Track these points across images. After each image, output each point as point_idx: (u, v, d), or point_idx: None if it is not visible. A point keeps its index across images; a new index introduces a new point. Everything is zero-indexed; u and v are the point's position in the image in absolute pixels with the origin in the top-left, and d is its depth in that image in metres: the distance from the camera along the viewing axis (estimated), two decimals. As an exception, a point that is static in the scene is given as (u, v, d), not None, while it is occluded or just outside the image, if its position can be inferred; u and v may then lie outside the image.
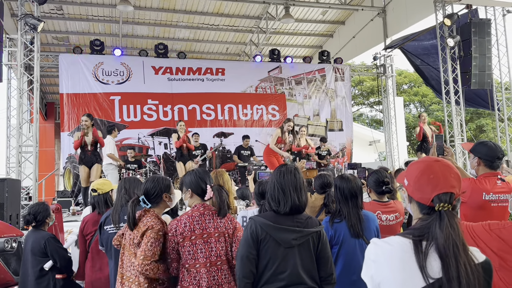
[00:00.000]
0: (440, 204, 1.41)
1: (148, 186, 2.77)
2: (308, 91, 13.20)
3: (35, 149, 8.74)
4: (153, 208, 2.77)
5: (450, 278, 1.32)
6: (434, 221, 1.40)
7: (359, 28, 14.36)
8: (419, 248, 1.36)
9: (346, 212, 2.90)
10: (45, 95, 16.26)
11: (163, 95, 11.81)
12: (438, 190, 1.43)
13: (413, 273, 1.34)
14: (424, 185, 1.46)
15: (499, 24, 11.13)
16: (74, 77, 11.06)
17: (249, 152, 10.90)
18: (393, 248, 1.40)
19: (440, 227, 1.38)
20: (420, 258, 1.34)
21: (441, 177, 1.45)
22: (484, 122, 23.05)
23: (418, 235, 1.40)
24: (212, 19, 13.97)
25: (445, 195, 1.42)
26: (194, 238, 2.53)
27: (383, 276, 1.38)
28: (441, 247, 1.35)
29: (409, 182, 1.53)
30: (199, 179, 2.67)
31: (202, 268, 2.50)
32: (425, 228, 1.41)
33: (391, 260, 1.38)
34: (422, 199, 1.47)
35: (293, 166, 2.44)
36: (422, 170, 1.50)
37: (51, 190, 13.32)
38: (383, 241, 1.44)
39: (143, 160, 10.40)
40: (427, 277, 1.32)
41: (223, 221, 2.58)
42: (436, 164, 1.50)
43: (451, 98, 10.66)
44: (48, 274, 3.75)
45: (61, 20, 13.04)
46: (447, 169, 1.49)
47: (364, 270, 1.47)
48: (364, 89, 25.23)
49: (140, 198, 2.74)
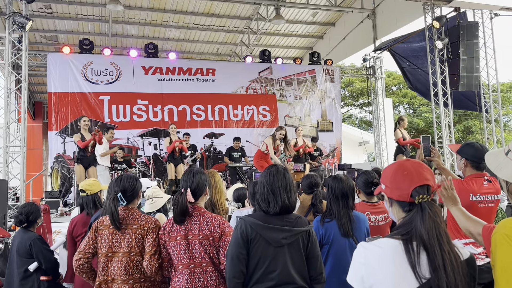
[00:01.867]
0: (419, 196, 1.44)
1: (126, 184, 2.84)
2: (299, 92, 13.24)
3: (23, 149, 8.63)
4: (128, 205, 2.84)
5: (436, 267, 1.34)
6: (416, 214, 1.43)
7: (349, 30, 14.45)
8: (409, 247, 1.38)
9: (336, 211, 2.93)
10: (33, 94, 16.08)
11: (153, 95, 11.75)
12: (415, 183, 1.47)
13: (406, 274, 1.35)
14: (401, 182, 1.50)
15: (487, 27, 11.27)
16: (63, 76, 10.96)
17: (240, 154, 10.89)
18: (384, 250, 1.41)
19: (422, 218, 1.41)
20: (412, 257, 1.36)
21: (414, 172, 1.50)
22: (472, 123, 23.28)
23: (406, 234, 1.41)
24: (203, 19, 13.93)
25: (422, 188, 1.47)
26: (179, 238, 2.54)
27: (376, 279, 1.38)
28: (424, 237, 1.38)
29: (386, 185, 1.57)
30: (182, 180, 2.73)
31: (185, 269, 2.50)
32: (409, 224, 1.43)
33: (383, 263, 1.38)
34: (401, 196, 1.50)
35: (283, 167, 2.45)
36: (395, 169, 1.55)
37: (39, 191, 13.16)
38: (373, 244, 1.45)
39: (132, 160, 10.34)
40: (419, 277, 1.33)
41: (209, 224, 2.55)
42: (408, 162, 1.56)
43: (440, 99, 10.77)
44: (33, 276, 3.70)
45: (49, 19, 12.90)
46: (418, 165, 1.55)
47: (352, 273, 1.46)
48: (354, 91, 25.32)
49: (118, 196, 2.78)
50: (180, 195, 2.57)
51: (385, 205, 1.62)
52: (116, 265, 2.71)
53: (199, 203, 2.68)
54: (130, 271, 2.69)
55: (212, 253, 2.53)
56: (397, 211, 1.54)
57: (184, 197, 2.56)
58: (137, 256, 2.71)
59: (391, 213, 1.58)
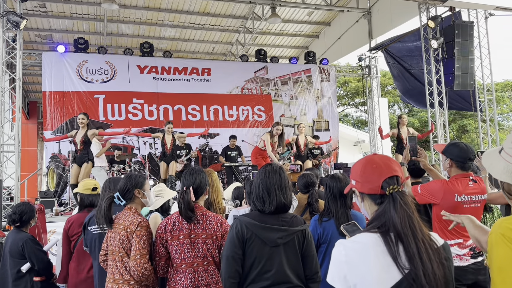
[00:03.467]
0: (389, 187, 1.46)
1: (121, 183, 2.84)
2: (294, 92, 13.24)
3: (17, 148, 8.58)
4: (129, 205, 2.80)
5: (411, 255, 1.34)
6: (388, 204, 1.44)
7: (344, 29, 14.46)
8: (388, 238, 1.38)
9: (334, 210, 2.93)
10: (27, 93, 15.99)
11: (148, 94, 11.71)
12: (384, 175, 1.49)
13: (389, 267, 1.34)
14: (370, 175, 1.52)
15: (482, 27, 11.31)
16: (58, 75, 10.90)
17: (237, 152, 10.87)
18: (364, 245, 1.39)
19: (394, 208, 1.42)
20: (392, 248, 1.35)
21: (382, 165, 1.52)
22: (466, 123, 23.38)
23: (382, 226, 1.42)
24: (198, 19, 13.90)
25: (392, 179, 1.49)
26: (182, 237, 2.54)
27: (360, 277, 1.35)
28: (398, 226, 1.38)
29: (356, 180, 1.58)
30: (183, 178, 2.70)
31: (188, 268, 2.50)
32: (382, 216, 1.44)
33: (365, 259, 1.36)
34: (372, 189, 1.51)
35: (278, 166, 2.44)
36: (364, 164, 1.57)
37: (34, 190, 13.08)
38: (351, 241, 1.43)
39: (128, 160, 10.30)
40: (401, 267, 1.33)
41: (212, 223, 2.57)
42: (375, 156, 1.59)
43: (435, 99, 10.81)
44: (26, 276, 3.68)
45: (44, 18, 12.83)
46: (386, 158, 1.58)
47: (334, 272, 1.41)
48: (349, 90, 25.40)
49: (115, 195, 2.77)
50: (184, 192, 2.58)
51: (356, 201, 1.62)
52: (110, 264, 2.73)
53: (199, 202, 2.69)
54: (121, 271, 2.65)
55: (214, 251, 2.55)
56: (369, 205, 1.54)
57: (189, 195, 2.57)
58: (124, 257, 2.65)
59: (363, 209, 1.58)
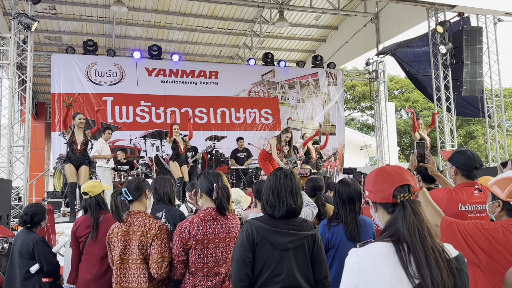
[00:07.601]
0: (400, 195, 1.48)
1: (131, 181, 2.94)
2: (302, 95, 13.26)
3: (26, 149, 8.66)
4: (134, 201, 2.85)
5: (418, 263, 1.34)
6: (398, 213, 1.46)
7: (352, 34, 14.46)
8: (400, 247, 1.38)
9: (343, 215, 2.94)
10: (35, 94, 16.10)
11: (156, 97, 11.77)
12: (395, 184, 1.52)
13: (400, 276, 1.34)
14: (382, 184, 1.55)
15: (490, 32, 11.27)
16: (67, 77, 10.98)
17: (245, 154, 10.88)
18: (377, 254, 1.40)
19: (403, 216, 1.44)
20: (404, 258, 1.36)
21: (394, 174, 1.55)
22: (474, 128, 23.24)
23: (393, 234, 1.43)
24: (206, 22, 13.97)
25: (403, 187, 1.51)
26: (206, 242, 2.58)
27: (371, 286, 1.36)
28: (406, 234, 1.39)
29: (369, 190, 1.61)
30: (206, 179, 2.72)
31: (211, 271, 2.57)
32: (393, 224, 1.45)
33: (377, 267, 1.37)
34: (384, 198, 1.53)
35: (289, 170, 2.45)
36: (376, 174, 1.61)
37: (41, 191, 13.19)
38: (364, 249, 1.44)
39: (135, 161, 10.35)
40: (412, 277, 1.33)
41: (234, 226, 2.65)
42: (387, 166, 1.62)
43: (443, 104, 10.77)
44: (34, 277, 3.71)
45: (53, 20, 12.94)
46: (398, 168, 1.60)
47: (346, 281, 1.42)
48: (356, 94, 25.35)
49: (122, 191, 2.84)
50: (218, 188, 2.62)
51: (371, 211, 1.64)
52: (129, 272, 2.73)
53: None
54: (138, 280, 2.68)
55: (227, 254, 2.63)
56: (382, 215, 1.56)
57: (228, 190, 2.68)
58: (142, 264, 2.69)
59: (377, 219, 1.60)
